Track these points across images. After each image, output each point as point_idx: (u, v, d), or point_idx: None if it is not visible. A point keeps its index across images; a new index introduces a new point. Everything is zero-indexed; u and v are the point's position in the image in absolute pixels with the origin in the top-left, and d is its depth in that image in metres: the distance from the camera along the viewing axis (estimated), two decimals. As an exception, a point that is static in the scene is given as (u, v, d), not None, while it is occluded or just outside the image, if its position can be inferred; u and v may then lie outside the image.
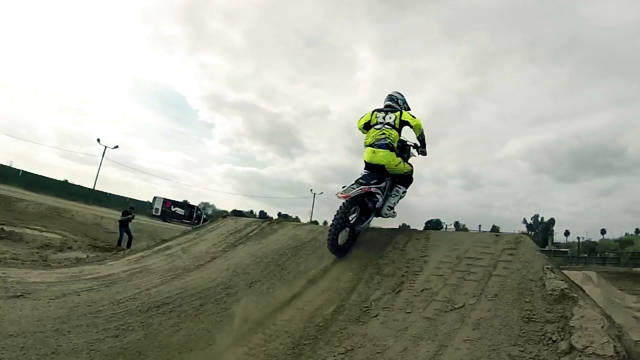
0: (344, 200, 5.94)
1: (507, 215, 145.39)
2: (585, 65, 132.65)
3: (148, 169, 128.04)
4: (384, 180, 6.41)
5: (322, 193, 74.65)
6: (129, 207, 21.64)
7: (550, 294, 4.05)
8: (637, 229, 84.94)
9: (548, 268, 4.49)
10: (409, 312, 4.51)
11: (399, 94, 6.79)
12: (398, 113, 6.43)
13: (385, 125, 6.35)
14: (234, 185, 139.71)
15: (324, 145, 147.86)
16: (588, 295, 4.85)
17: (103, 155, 51.92)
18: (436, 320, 4.21)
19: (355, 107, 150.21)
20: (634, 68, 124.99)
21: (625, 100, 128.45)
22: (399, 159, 6.36)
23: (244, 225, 10.38)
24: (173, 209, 49.04)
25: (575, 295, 3.99)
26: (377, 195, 6.31)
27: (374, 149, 6.28)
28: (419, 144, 6.60)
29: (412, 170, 6.71)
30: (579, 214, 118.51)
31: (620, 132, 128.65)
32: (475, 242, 5.54)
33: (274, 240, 8.61)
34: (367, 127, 6.64)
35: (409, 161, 6.78)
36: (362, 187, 5.98)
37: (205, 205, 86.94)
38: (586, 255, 72.25)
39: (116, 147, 53.63)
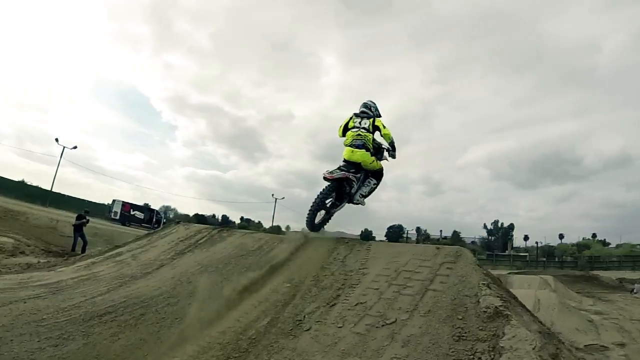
0: (327, 183, 7.25)
1: (469, 220, 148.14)
2: (545, 77, 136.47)
3: (109, 171, 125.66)
4: (359, 173, 7.45)
5: (283, 198, 74.15)
6: (84, 211, 20.96)
7: (484, 312, 3.96)
8: (594, 234, 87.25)
9: (484, 284, 4.41)
10: (341, 327, 4.39)
11: (372, 102, 7.86)
12: (372, 120, 7.48)
13: (361, 129, 7.42)
14: (197, 188, 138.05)
15: (287, 150, 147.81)
16: (528, 311, 4.83)
17: (61, 156, 50.30)
18: (366, 336, 4.09)
19: (320, 113, 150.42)
20: (591, 81, 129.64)
21: (582, 111, 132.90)
22: (373, 157, 7.45)
23: (195, 232, 10.21)
24: (132, 213, 47.53)
25: (509, 313, 3.91)
26: (353, 182, 7.36)
27: (352, 148, 7.35)
28: (390, 149, 7.62)
29: (382, 168, 7.72)
30: (538, 219, 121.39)
31: (578, 142, 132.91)
32: (415, 255, 5.46)
33: (221, 248, 8.47)
34: (345, 129, 7.65)
35: (381, 162, 7.78)
36: (343, 172, 7.20)
37: (167, 209, 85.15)
38: (545, 259, 74.00)
39: (75, 147, 51.94)
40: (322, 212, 7.55)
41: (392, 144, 7.51)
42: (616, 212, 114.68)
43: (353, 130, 7.49)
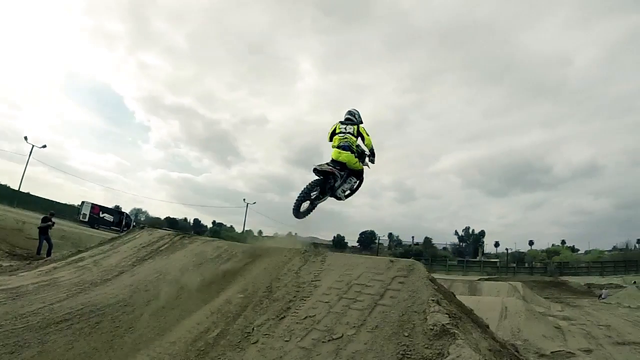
0: (315, 177, 8.04)
1: (440, 227, 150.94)
2: (517, 88, 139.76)
3: (80, 171, 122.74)
4: (343, 171, 8.20)
5: (255, 203, 73.46)
6: (49, 213, 20.49)
7: (431, 329, 3.89)
8: (563, 240, 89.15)
9: (433, 300, 4.36)
10: (287, 341, 4.33)
11: (356, 110, 8.68)
12: (356, 126, 8.35)
13: (347, 134, 8.25)
14: (169, 191, 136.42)
15: (261, 154, 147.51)
16: (481, 328, 4.84)
17: (30, 154, 49.13)
18: (312, 351, 4.03)
19: (294, 118, 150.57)
20: (562, 94, 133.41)
21: (552, 122, 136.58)
22: (357, 159, 8.26)
23: (157, 239, 10.10)
24: (101, 215, 46.31)
25: (456, 331, 3.86)
26: (337, 178, 8.12)
27: (339, 150, 8.16)
28: (370, 155, 8.47)
29: (363, 170, 8.58)
30: (509, 226, 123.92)
31: (548, 152, 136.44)
32: (368, 268, 5.44)
33: (181, 256, 8.40)
34: (333, 134, 8.45)
35: (364, 167, 8.62)
36: (331, 167, 7.96)
37: (138, 211, 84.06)
38: (515, 265, 75.13)
39: (44, 146, 50.60)
40: (307, 203, 8.25)
41: (372, 150, 8.40)
42: (585, 219, 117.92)
43: (339, 135, 8.30)
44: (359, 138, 8.32)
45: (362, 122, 8.59)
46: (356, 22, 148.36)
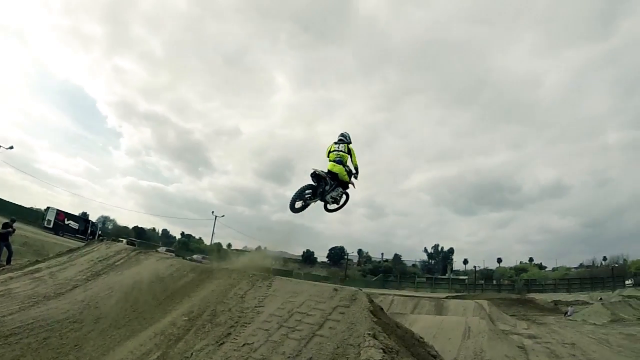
0: (310, 179, 9.45)
1: (410, 243, 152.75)
2: (487, 110, 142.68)
3: (48, 174, 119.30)
4: (334, 181, 9.55)
5: (223, 216, 72.26)
6: (10, 219, 20.04)
7: None
8: (530, 258, 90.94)
9: (370, 334, 4.31)
10: (222, 368, 4.31)
11: (347, 133, 10.15)
12: (346, 145, 9.83)
13: (339, 151, 9.70)
14: (138, 200, 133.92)
15: (232, 166, 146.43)
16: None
17: (-5, 156, 48.39)
18: (245, 380, 4.02)
19: (267, 131, 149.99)
20: (530, 116, 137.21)
21: (521, 143, 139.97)
22: (346, 172, 9.64)
23: (114, 253, 10.02)
24: (66, 222, 44.52)
25: None
26: (327, 184, 9.42)
27: (334, 163, 9.56)
28: (355, 172, 9.89)
29: (348, 182, 9.83)
30: (477, 244, 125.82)
31: (516, 172, 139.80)
32: (312, 296, 5.43)
33: (135, 272, 8.33)
34: (329, 152, 9.82)
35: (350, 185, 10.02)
36: (325, 174, 9.36)
37: (106, 219, 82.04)
38: (483, 282, 76.11)
39: (11, 147, 48.93)
40: (301, 202, 9.50)
41: (356, 167, 9.89)
42: (552, 237, 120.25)
43: (334, 152, 9.74)
44: (349, 155, 9.82)
45: (351, 143, 10.09)
46: (332, 39, 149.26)
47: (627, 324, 26.63)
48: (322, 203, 9.81)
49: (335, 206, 10.00)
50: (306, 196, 9.49)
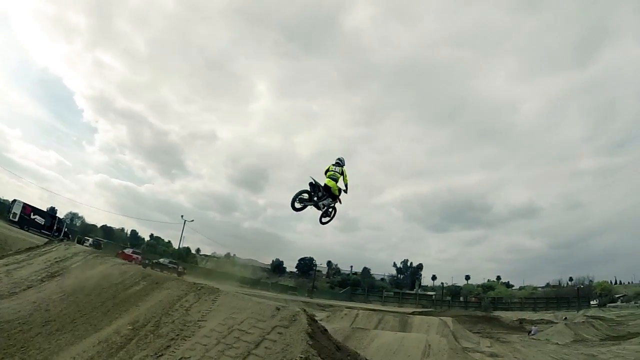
0: (310, 184, 11.45)
1: (380, 257, 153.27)
2: (463, 131, 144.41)
3: (19, 165, 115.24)
4: (328, 192, 11.56)
5: (192, 220, 71.08)
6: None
7: None
8: (498, 276, 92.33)
9: (302, 357, 4.42)
10: (156, 381, 4.38)
11: (343, 157, 12.34)
12: (341, 168, 11.84)
13: (335, 172, 11.68)
14: (108, 198, 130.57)
15: (206, 170, 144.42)
16: None
17: (-38, 143, 47.19)
18: (173, 394, 4.09)
19: (244, 138, 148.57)
20: (505, 140, 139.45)
21: (494, 165, 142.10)
22: (337, 187, 11.61)
23: (72, 254, 10.00)
24: (33, 217, 43.11)
25: None
26: (320, 191, 11.47)
27: (329, 179, 11.54)
28: (344, 188, 11.94)
29: (337, 195, 11.82)
30: (447, 261, 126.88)
31: (489, 192, 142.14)
32: (254, 313, 5.50)
33: (89, 276, 8.33)
34: (327, 171, 11.83)
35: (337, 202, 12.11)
36: (319, 185, 11.37)
37: (74, 216, 79.95)
38: (450, 298, 76.76)
39: None
40: (300, 203, 11.49)
41: (347, 185, 11.92)
42: (520, 257, 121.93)
43: (331, 171, 11.76)
44: (342, 175, 11.82)
45: (344, 165, 12.21)
46: (316, 51, 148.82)
47: (589, 345, 26.87)
48: (318, 217, 12.09)
49: (327, 219, 12.33)
50: (304, 197, 11.53)
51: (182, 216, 67.74)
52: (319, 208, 11.86)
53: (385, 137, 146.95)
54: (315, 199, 11.59)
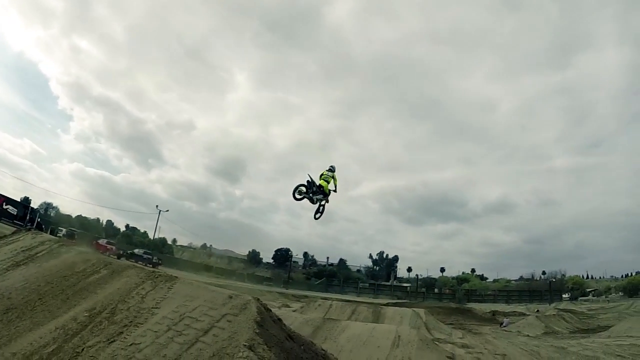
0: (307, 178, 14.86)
1: (356, 249, 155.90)
2: (441, 127, 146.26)
3: None
4: (320, 189, 14.82)
5: (167, 210, 70.12)
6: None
7: None
8: (473, 269, 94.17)
9: (246, 345, 4.54)
10: (106, 366, 4.51)
11: (334, 165, 15.64)
12: (332, 173, 15.22)
13: (328, 175, 14.93)
14: (83, 187, 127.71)
15: (183, 160, 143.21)
16: None
17: None
18: (121, 378, 4.23)
19: (221, 128, 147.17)
20: (480, 136, 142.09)
21: (470, 161, 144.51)
22: (329, 187, 14.94)
23: (39, 244, 9.97)
24: (5, 207, 42.28)
25: None
26: (314, 186, 14.69)
27: (324, 181, 14.77)
28: (334, 189, 15.35)
29: (328, 194, 15.21)
30: (422, 253, 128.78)
31: (464, 187, 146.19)
32: (206, 301, 5.63)
33: (53, 265, 8.38)
34: (321, 175, 15.08)
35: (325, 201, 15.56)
36: (314, 183, 14.58)
37: (49, 206, 78.49)
38: (425, 290, 77.68)
39: None
40: (299, 194, 14.98)
41: (336, 186, 15.29)
42: (495, 251, 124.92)
43: (325, 175, 15.12)
44: (333, 179, 15.16)
45: (335, 172, 15.45)
46: (297, 42, 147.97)
47: (560, 337, 27.73)
48: (314, 212, 15.51)
49: (319, 215, 15.57)
50: (301, 190, 14.74)
51: (157, 206, 67.41)
52: (312, 202, 14.96)
53: (363, 131, 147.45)
54: (311, 193, 14.73)
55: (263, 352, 4.60)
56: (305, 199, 14.86)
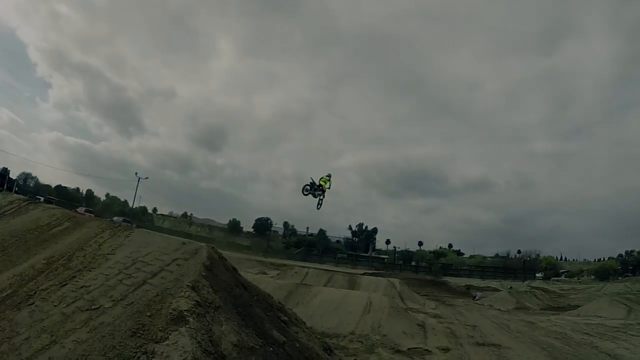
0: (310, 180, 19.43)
1: (336, 220, 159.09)
2: (424, 103, 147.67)
3: None
4: (320, 187, 19.11)
5: (147, 178, 69.26)
6: None
7: (170, 313, 4.14)
8: (450, 244, 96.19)
9: (189, 285, 4.68)
10: (56, 306, 4.72)
11: (331, 173, 20.00)
12: (330, 178, 19.44)
13: (326, 179, 19.19)
14: (63, 157, 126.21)
15: (165, 128, 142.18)
16: (248, 324, 5.26)
17: None
18: (68, 317, 4.43)
19: (204, 96, 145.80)
20: (463, 114, 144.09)
21: (453, 138, 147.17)
22: (327, 186, 19.19)
23: (8, 203, 10.12)
24: None
25: (191, 319, 4.10)
26: (316, 186, 18.98)
27: (323, 182, 18.99)
28: (328, 187, 19.50)
29: (324, 191, 19.16)
30: (401, 227, 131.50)
31: (445, 164, 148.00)
32: (160, 247, 5.79)
33: (20, 221, 8.55)
34: (321, 178, 19.14)
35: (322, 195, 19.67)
36: (316, 183, 19.13)
37: (27, 176, 78.09)
38: (402, 262, 78.84)
39: None
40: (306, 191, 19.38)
41: (330, 186, 19.18)
42: (472, 228, 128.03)
43: (324, 178, 19.03)
44: (329, 181, 19.29)
45: (331, 177, 19.59)
46: (283, 11, 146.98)
47: (530, 313, 28.64)
48: (316, 204, 19.66)
49: (319, 206, 19.66)
50: (307, 188, 19.07)
51: (136, 173, 66.88)
52: (314, 197, 19.15)
53: (346, 103, 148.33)
54: (313, 190, 18.95)
55: (207, 295, 4.75)
56: (310, 195, 19.21)
